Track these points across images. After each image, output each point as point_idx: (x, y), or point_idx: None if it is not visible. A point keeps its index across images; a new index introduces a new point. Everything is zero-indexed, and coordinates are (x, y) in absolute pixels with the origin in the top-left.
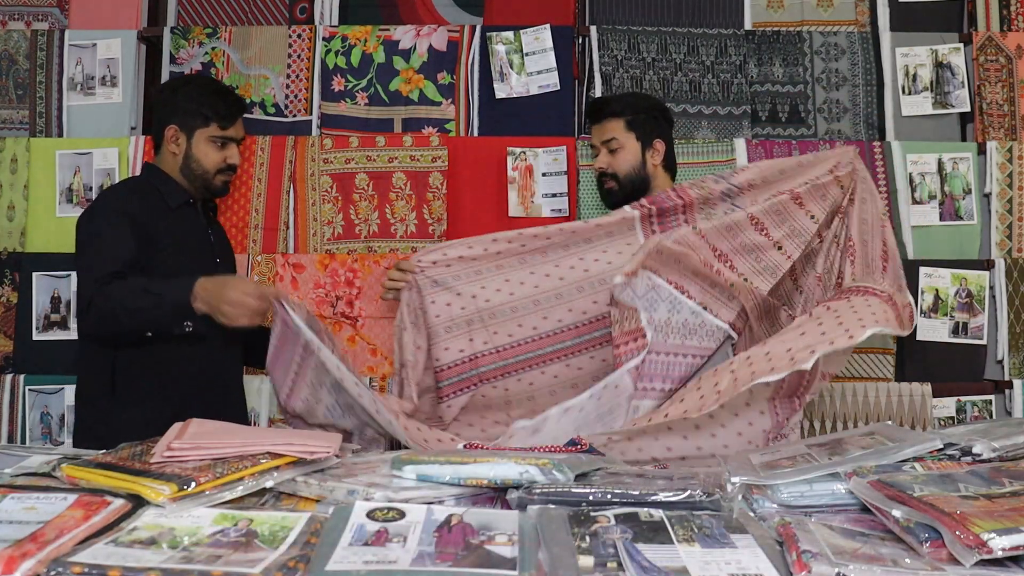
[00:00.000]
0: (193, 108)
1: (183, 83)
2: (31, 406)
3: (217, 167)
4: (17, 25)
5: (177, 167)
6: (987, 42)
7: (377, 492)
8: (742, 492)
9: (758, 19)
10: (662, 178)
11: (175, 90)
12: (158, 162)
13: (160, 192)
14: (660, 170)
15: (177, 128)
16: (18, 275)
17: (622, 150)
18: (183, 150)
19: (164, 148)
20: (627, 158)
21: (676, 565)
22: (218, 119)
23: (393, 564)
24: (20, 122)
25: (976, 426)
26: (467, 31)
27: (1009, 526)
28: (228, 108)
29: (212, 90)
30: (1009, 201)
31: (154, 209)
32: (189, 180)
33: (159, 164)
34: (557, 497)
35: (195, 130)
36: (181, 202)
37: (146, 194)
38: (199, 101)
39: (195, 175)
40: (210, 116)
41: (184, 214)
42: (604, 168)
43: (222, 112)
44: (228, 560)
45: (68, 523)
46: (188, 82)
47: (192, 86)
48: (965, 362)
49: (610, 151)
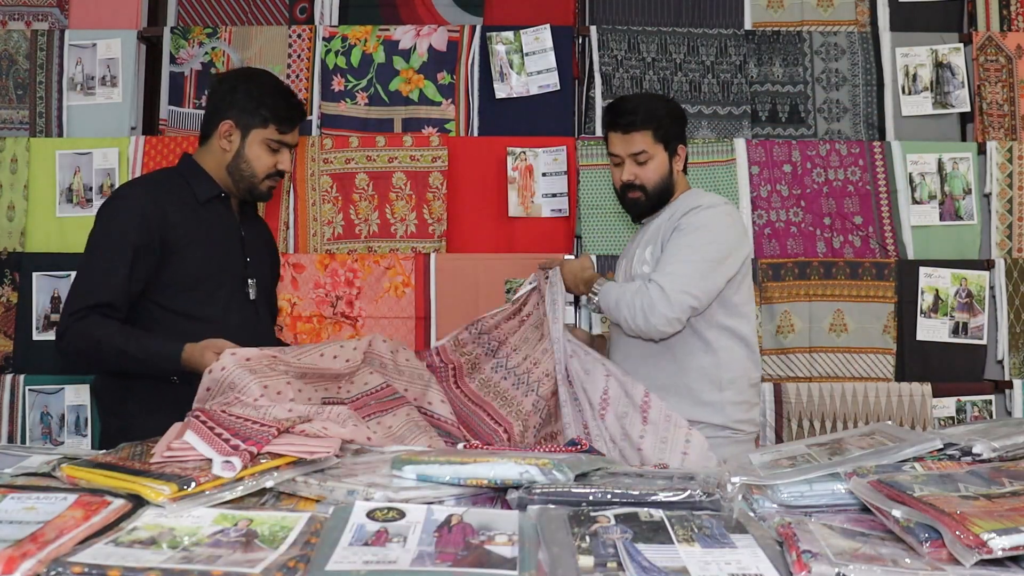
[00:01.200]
0: (253, 107)
1: (246, 77)
2: (31, 406)
3: (267, 172)
4: (17, 25)
5: (224, 163)
6: (987, 42)
7: (377, 492)
8: (742, 492)
9: (758, 19)
10: (681, 180)
11: (236, 83)
12: (199, 155)
13: (190, 185)
14: (680, 174)
15: (233, 124)
16: (18, 275)
17: (651, 161)
18: (235, 148)
19: (213, 142)
20: (656, 169)
21: (676, 565)
22: (278, 122)
23: (393, 564)
24: (20, 122)
25: (976, 426)
26: (467, 31)
27: (1009, 526)
28: (290, 112)
29: (276, 91)
30: (1009, 201)
31: (178, 203)
32: (234, 180)
33: (199, 158)
34: (557, 497)
35: (251, 129)
36: (210, 196)
37: (172, 187)
38: (261, 100)
39: (243, 176)
40: (270, 118)
41: (213, 209)
42: (632, 180)
43: (284, 115)
44: (228, 560)
45: (68, 523)
46: (251, 77)
47: (256, 83)
48: (965, 362)
49: (638, 163)
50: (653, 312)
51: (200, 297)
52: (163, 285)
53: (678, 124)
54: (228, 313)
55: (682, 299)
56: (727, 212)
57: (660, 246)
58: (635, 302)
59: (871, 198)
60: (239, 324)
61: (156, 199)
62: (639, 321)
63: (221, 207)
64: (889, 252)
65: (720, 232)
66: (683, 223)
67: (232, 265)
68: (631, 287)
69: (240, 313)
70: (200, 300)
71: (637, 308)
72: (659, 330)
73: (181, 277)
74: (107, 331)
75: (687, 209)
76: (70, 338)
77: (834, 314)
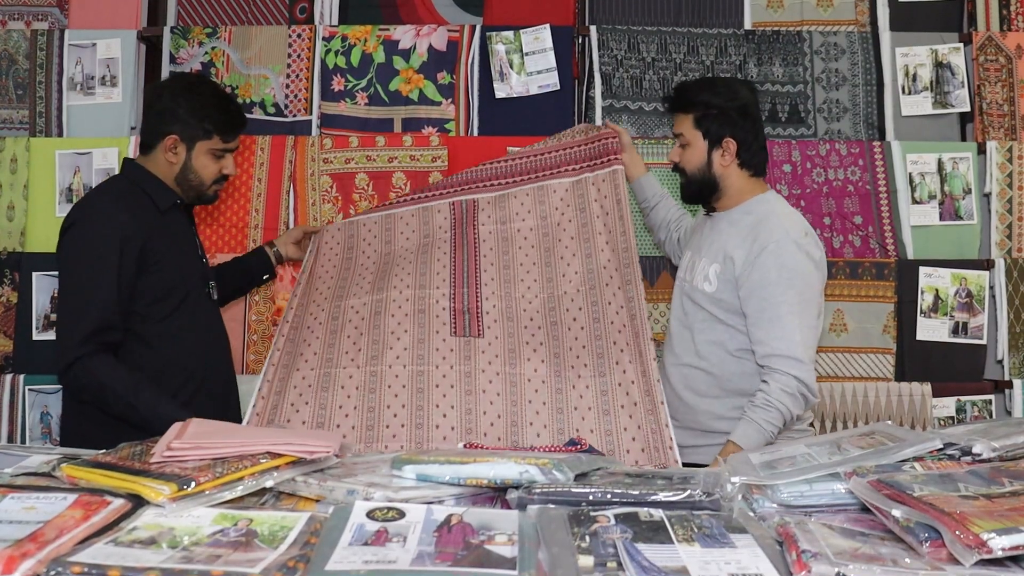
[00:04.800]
0: (197, 120)
1: (185, 89)
2: (31, 406)
3: (214, 178)
4: (17, 25)
5: (172, 175)
6: (987, 42)
7: (377, 492)
8: (742, 492)
9: (758, 19)
10: (737, 177)
11: (178, 96)
12: (145, 162)
13: (148, 195)
14: (734, 169)
15: (178, 139)
16: (18, 275)
17: (690, 147)
18: (181, 160)
19: (159, 154)
20: (692, 157)
21: (676, 565)
22: (221, 132)
23: (393, 564)
24: (20, 122)
25: (976, 426)
26: (467, 31)
27: (1009, 526)
28: (233, 121)
29: (216, 101)
30: (1009, 201)
31: (144, 217)
32: (183, 189)
33: (146, 164)
34: (557, 497)
35: (196, 142)
36: (170, 204)
37: (134, 200)
38: (204, 114)
39: (191, 185)
40: (213, 130)
41: (171, 215)
42: (676, 160)
43: (227, 125)
44: (228, 560)
45: (68, 523)
46: (190, 89)
47: (197, 95)
48: (965, 362)
49: (681, 145)
50: (808, 400)
51: (174, 304)
52: (139, 295)
53: (729, 116)
54: (197, 317)
55: (810, 374)
56: (809, 248)
57: (729, 266)
58: (783, 409)
59: (871, 198)
60: (207, 326)
61: (127, 212)
62: (797, 413)
63: (178, 213)
64: (889, 252)
65: (811, 281)
66: (768, 263)
67: (194, 269)
68: (761, 411)
69: (207, 316)
70: (173, 307)
71: (787, 410)
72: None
73: (156, 287)
74: (115, 377)
75: (767, 239)
76: (76, 374)
77: (834, 314)
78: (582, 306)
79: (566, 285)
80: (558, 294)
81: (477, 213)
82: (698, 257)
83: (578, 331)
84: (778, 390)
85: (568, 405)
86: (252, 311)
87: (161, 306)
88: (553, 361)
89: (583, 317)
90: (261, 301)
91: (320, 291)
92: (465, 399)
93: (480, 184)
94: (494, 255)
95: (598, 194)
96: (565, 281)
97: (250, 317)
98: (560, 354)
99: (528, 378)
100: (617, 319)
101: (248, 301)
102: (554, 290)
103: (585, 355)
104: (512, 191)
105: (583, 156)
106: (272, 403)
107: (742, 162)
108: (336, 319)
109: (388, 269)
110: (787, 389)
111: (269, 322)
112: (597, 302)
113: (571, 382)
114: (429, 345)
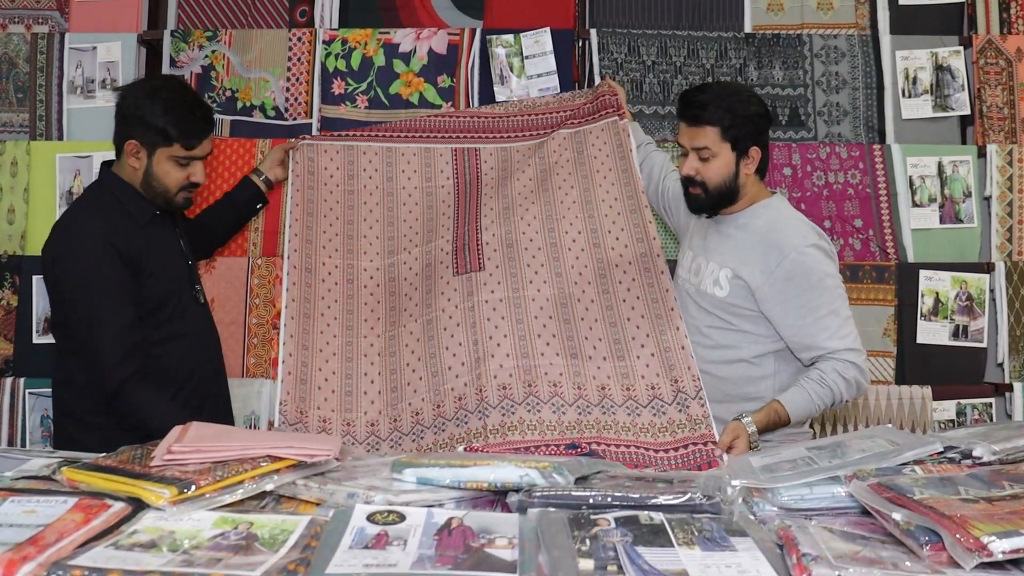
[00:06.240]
0: (156, 126)
1: (149, 93)
2: (31, 409)
3: (179, 185)
4: (17, 28)
5: (138, 181)
6: (987, 45)
7: (377, 495)
8: (742, 495)
9: (758, 22)
10: (752, 184)
11: (139, 100)
12: (118, 168)
13: (127, 209)
14: (753, 177)
15: (138, 143)
16: (18, 278)
17: (715, 160)
18: (143, 166)
19: (124, 159)
20: (719, 169)
21: (676, 568)
22: (182, 139)
23: (393, 567)
24: (20, 125)
25: (976, 429)
26: (467, 34)
27: (1009, 529)
28: (194, 127)
29: (178, 107)
30: (1009, 204)
31: (128, 231)
32: (150, 196)
33: (118, 170)
34: (557, 500)
35: (157, 148)
36: (148, 218)
37: (115, 211)
38: (163, 119)
39: (156, 192)
40: (174, 136)
41: (155, 225)
42: (692, 175)
43: (187, 132)
44: (228, 563)
45: (68, 526)
46: (154, 93)
47: (158, 100)
48: (965, 365)
49: (701, 159)
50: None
51: (168, 312)
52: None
53: (754, 124)
54: (187, 321)
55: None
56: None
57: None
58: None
59: (871, 201)
60: (198, 330)
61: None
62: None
63: (161, 221)
64: (889, 255)
65: (837, 277)
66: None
67: (181, 274)
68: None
69: (196, 319)
70: (168, 315)
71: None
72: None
73: (151, 296)
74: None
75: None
76: (124, 402)
77: None
78: (581, 230)
79: (564, 211)
80: (556, 216)
81: (479, 162)
82: (704, 260)
83: (579, 252)
84: (834, 372)
85: (575, 317)
86: (252, 315)
87: (157, 314)
88: (555, 281)
89: (583, 240)
90: (261, 304)
91: (326, 232)
92: (471, 332)
93: (483, 134)
94: (494, 191)
95: (597, 140)
96: (563, 208)
97: (250, 320)
98: (562, 274)
99: (532, 298)
100: (618, 244)
101: (248, 304)
102: (552, 212)
103: (588, 273)
104: (515, 145)
105: (583, 112)
106: (301, 360)
107: (759, 169)
108: (351, 282)
109: (395, 223)
110: (844, 374)
111: (269, 326)
112: (597, 229)
113: (576, 297)
114: (435, 291)
